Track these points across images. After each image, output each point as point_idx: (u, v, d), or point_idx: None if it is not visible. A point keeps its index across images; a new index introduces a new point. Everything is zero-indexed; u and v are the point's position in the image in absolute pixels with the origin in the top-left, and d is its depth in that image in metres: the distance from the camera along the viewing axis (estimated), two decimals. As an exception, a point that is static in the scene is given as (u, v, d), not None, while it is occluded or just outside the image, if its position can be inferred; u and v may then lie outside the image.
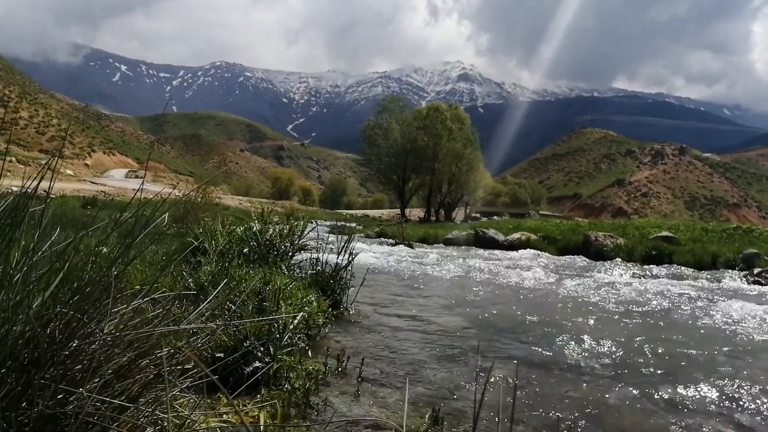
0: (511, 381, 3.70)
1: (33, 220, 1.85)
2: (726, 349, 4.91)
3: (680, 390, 3.70)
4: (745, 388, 3.77)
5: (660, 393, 3.63)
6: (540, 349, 4.73)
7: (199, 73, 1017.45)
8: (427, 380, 3.71)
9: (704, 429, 3.10)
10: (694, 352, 4.75)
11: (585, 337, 5.14)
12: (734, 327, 5.90)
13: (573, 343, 4.94)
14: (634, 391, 3.65)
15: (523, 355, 4.56)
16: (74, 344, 1.72)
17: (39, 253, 1.80)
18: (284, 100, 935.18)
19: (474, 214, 72.27)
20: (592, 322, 5.99)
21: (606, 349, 4.77)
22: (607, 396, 3.54)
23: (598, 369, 4.16)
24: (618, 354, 4.62)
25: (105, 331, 1.79)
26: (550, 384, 3.73)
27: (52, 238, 1.94)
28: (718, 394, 3.64)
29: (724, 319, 6.30)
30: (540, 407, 3.27)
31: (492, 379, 3.73)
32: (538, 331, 5.45)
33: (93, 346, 1.74)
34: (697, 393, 3.64)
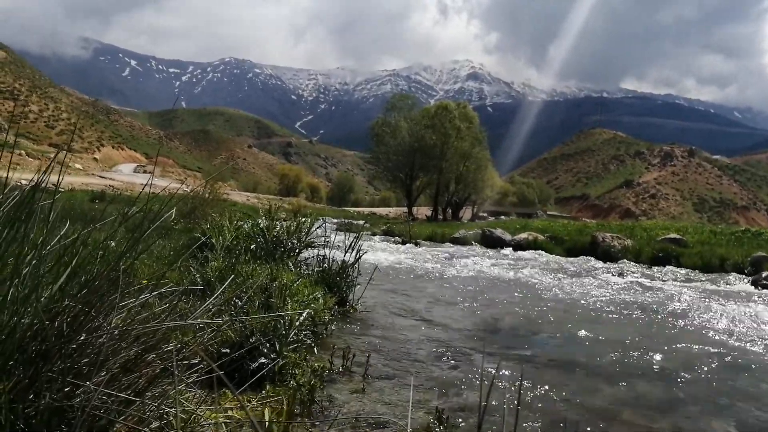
0: (516, 381, 3.69)
1: (42, 213, 1.86)
2: (731, 352, 4.88)
3: (684, 392, 3.68)
4: (746, 391, 3.75)
5: (664, 395, 3.62)
6: (545, 350, 4.72)
7: (208, 69, 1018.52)
8: (433, 378, 3.71)
9: (706, 429, 3.09)
10: (699, 355, 4.72)
11: (591, 338, 5.13)
12: (740, 331, 5.86)
13: (578, 343, 4.93)
14: (639, 392, 3.64)
15: (528, 354, 4.55)
16: (82, 338, 1.73)
17: (48, 247, 1.81)
18: (293, 96, 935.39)
19: (481, 214, 72.02)
20: (598, 323, 5.97)
21: (612, 350, 4.75)
22: (611, 396, 3.53)
23: (602, 370, 4.15)
24: (623, 355, 4.60)
25: (112, 325, 1.80)
26: (554, 384, 3.72)
27: (62, 232, 1.94)
28: (720, 396, 3.62)
29: (730, 323, 6.26)
30: (545, 407, 3.26)
31: (497, 379, 3.72)
32: (544, 332, 5.43)
33: (100, 340, 1.75)
34: (699, 394, 3.63)
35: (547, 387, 3.65)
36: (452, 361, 4.18)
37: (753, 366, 4.44)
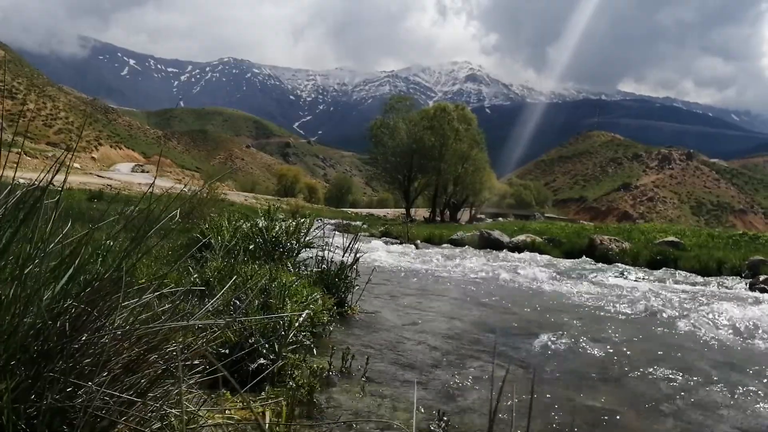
0: (516, 383, 3.69)
1: (45, 213, 1.86)
2: (729, 355, 4.89)
3: (684, 394, 3.69)
4: (745, 393, 3.76)
5: (663, 397, 3.62)
6: (544, 352, 4.72)
7: (207, 69, 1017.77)
8: (432, 380, 3.71)
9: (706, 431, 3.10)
10: (697, 357, 4.74)
11: (590, 340, 5.13)
12: (737, 334, 5.88)
13: (577, 346, 4.93)
14: (638, 394, 3.64)
15: (527, 357, 4.55)
16: (84, 338, 1.72)
17: (50, 247, 1.80)
18: (291, 97, 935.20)
19: (479, 215, 72.02)
20: (596, 326, 5.98)
21: (610, 352, 4.76)
22: (611, 398, 3.53)
23: (602, 372, 4.15)
24: (622, 358, 4.61)
25: (115, 326, 1.80)
26: (554, 386, 3.72)
27: (63, 232, 1.94)
28: (717, 399, 3.63)
29: (728, 327, 6.27)
30: (544, 409, 3.26)
31: (497, 381, 3.72)
32: (542, 334, 5.43)
33: (103, 340, 1.75)
34: (699, 396, 3.64)
35: (546, 389, 3.65)
36: (451, 364, 4.18)
37: (751, 368, 4.45)
